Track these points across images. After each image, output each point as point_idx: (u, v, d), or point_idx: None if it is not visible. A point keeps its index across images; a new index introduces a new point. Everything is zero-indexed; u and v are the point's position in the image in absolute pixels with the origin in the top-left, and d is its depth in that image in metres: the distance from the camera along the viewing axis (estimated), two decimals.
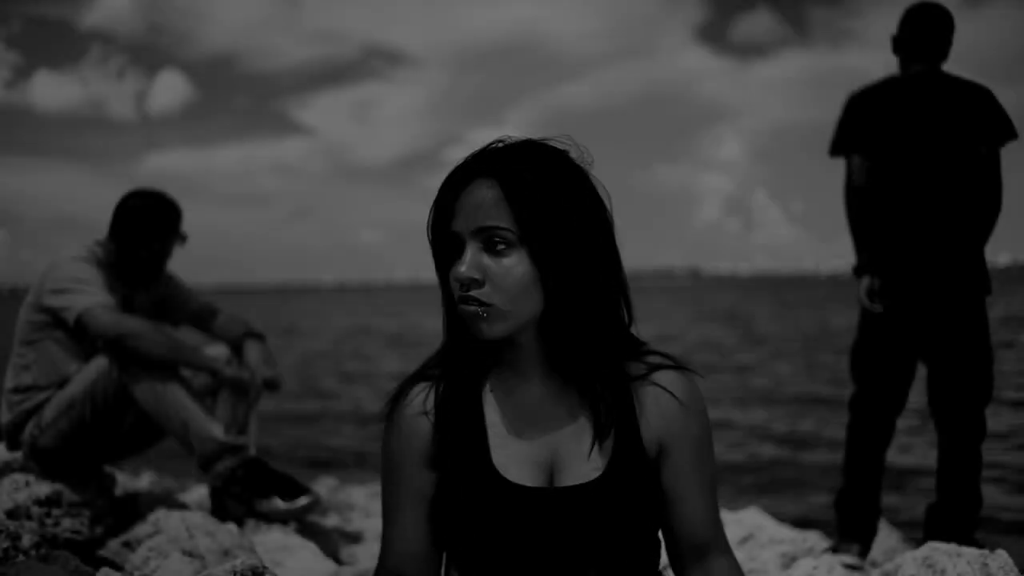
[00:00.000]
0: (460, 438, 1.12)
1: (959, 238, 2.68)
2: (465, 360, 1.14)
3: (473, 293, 1.04)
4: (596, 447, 1.10)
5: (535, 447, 1.11)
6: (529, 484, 1.09)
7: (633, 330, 1.15)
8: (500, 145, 1.09)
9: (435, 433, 1.13)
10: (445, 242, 1.09)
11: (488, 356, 1.15)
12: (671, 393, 1.13)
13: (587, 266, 1.06)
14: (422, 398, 1.15)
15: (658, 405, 1.13)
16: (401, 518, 1.16)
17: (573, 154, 1.11)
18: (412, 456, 1.14)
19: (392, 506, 1.17)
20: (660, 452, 1.13)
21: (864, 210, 2.79)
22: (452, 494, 1.10)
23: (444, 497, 1.11)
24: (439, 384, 1.15)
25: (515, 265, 1.04)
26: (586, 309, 1.07)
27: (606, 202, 1.10)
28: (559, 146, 1.10)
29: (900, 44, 2.79)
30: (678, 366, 1.15)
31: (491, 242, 1.04)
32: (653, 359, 1.16)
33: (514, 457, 1.10)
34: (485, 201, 1.04)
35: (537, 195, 1.04)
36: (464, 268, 1.04)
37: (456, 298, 1.07)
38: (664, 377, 1.14)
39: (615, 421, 1.10)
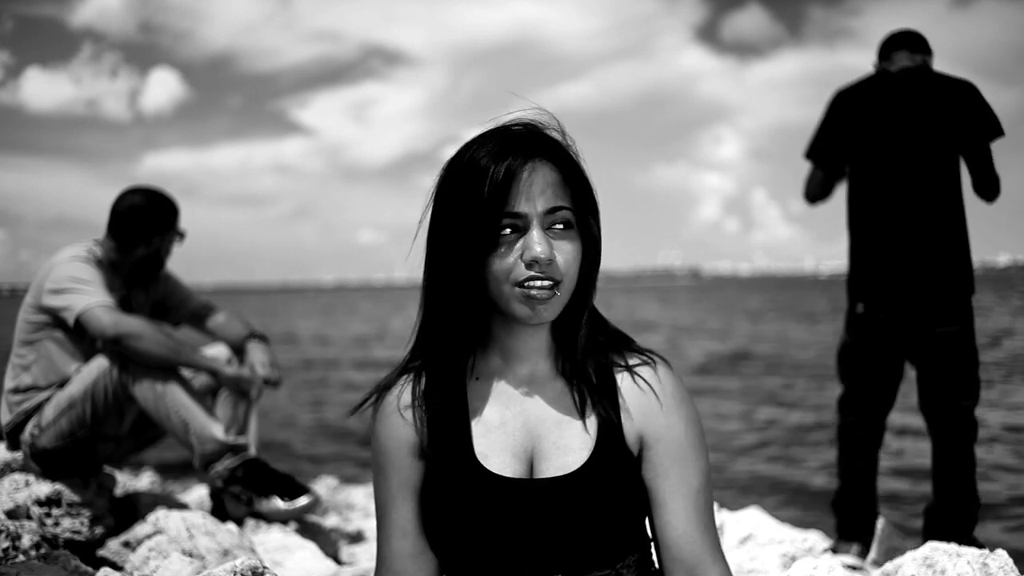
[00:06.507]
0: (444, 426, 1.12)
1: (946, 238, 2.67)
2: (449, 347, 1.12)
3: (549, 272, 1.04)
4: (578, 437, 1.10)
5: (517, 435, 1.11)
6: (509, 474, 1.09)
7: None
8: (522, 128, 1.09)
9: (420, 423, 1.13)
10: (490, 224, 1.04)
11: (471, 342, 1.14)
12: (653, 389, 1.13)
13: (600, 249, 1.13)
14: (407, 389, 1.15)
15: (640, 400, 1.13)
16: (395, 512, 1.14)
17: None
18: (401, 448, 1.13)
19: (385, 500, 1.15)
20: (642, 448, 1.12)
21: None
22: (435, 483, 1.10)
23: (428, 486, 1.11)
24: (420, 375, 1.15)
25: (577, 245, 1.07)
26: (594, 291, 1.14)
27: None
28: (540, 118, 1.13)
29: (881, 68, 2.82)
30: (663, 362, 1.16)
31: (555, 223, 1.06)
32: (636, 355, 1.17)
33: (495, 446, 1.10)
34: (554, 182, 1.05)
35: (583, 179, 1.10)
36: (542, 248, 1.03)
37: (514, 281, 1.04)
38: (648, 372, 1.14)
39: (601, 411, 1.11)
